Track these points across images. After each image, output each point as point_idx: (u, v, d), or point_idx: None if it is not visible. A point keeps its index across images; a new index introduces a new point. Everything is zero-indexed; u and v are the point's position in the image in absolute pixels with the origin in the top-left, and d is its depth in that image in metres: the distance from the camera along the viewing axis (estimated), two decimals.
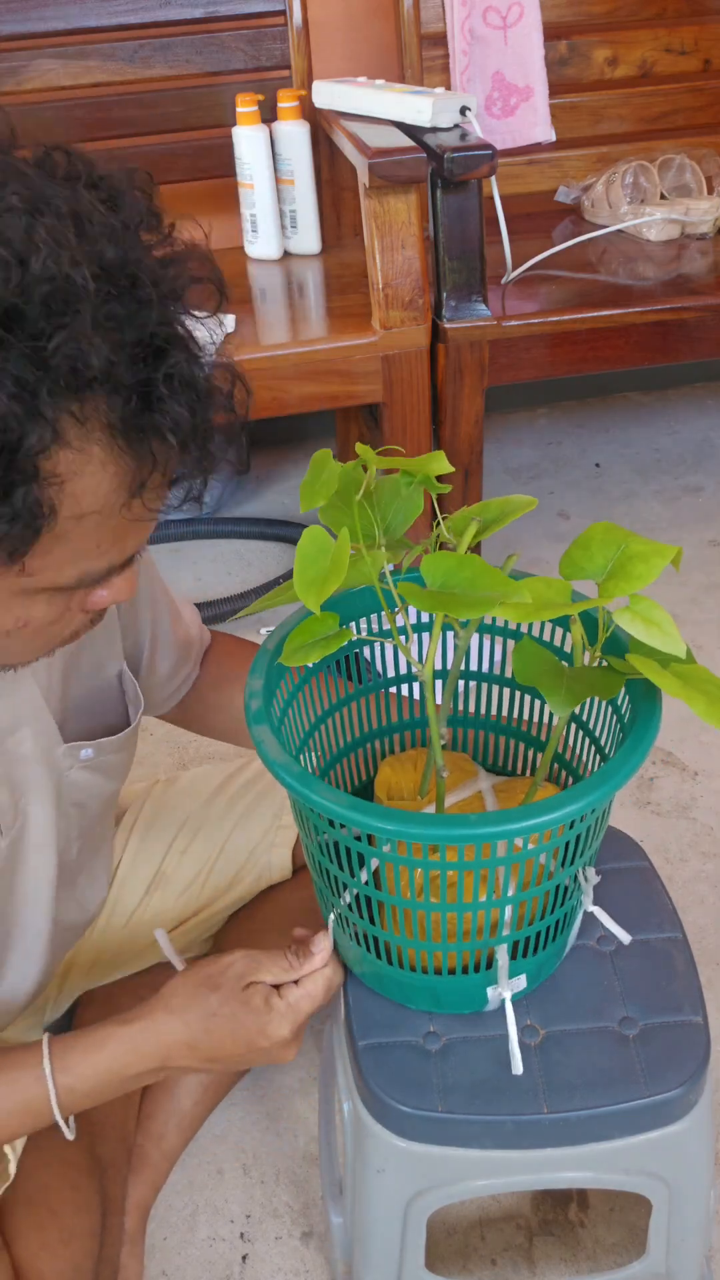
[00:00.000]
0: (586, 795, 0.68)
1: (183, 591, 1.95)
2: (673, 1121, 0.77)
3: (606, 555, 0.71)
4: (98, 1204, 0.92)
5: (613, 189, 1.90)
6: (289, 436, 2.39)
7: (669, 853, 1.39)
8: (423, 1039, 0.80)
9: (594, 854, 0.79)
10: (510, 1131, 0.76)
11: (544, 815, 0.67)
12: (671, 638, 0.68)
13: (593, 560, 0.72)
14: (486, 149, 1.47)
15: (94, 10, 1.79)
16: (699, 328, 1.66)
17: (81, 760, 0.88)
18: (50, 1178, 0.90)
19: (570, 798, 0.68)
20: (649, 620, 0.68)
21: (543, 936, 0.78)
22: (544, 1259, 1.00)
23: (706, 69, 2.04)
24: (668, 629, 0.68)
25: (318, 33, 1.89)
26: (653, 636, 0.68)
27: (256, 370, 1.55)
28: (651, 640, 0.68)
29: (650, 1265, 0.86)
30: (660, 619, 0.68)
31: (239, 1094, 1.15)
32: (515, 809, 0.68)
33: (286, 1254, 1.03)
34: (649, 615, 0.68)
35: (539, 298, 1.67)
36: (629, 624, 0.68)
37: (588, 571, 0.72)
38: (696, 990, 0.82)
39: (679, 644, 0.68)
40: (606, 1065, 0.77)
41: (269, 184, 1.81)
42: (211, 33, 1.83)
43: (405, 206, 1.48)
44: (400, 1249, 0.84)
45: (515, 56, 1.89)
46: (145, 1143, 1.05)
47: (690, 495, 2.15)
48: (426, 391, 1.60)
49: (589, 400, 2.50)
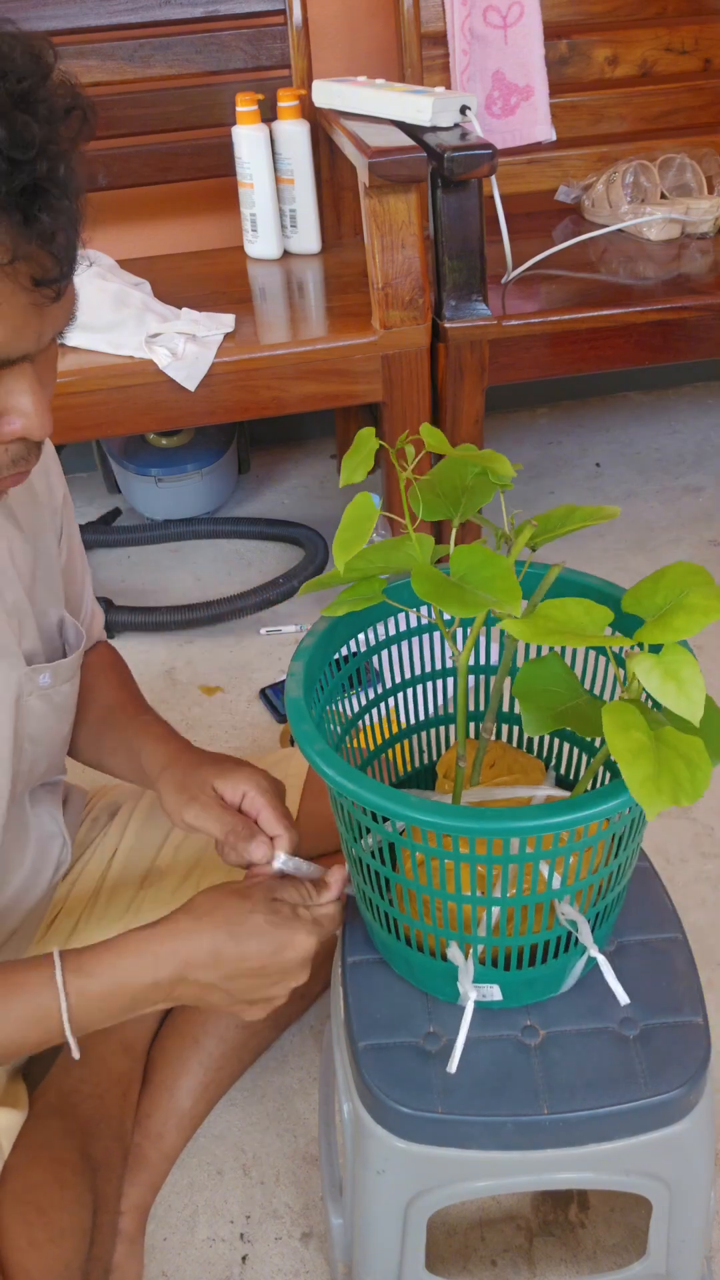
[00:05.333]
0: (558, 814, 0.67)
1: (183, 591, 1.95)
2: (673, 1122, 0.77)
3: (668, 598, 0.68)
4: (89, 1202, 0.92)
5: (613, 188, 1.90)
6: (289, 436, 2.39)
7: (669, 853, 1.39)
8: (422, 1040, 0.80)
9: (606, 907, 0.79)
10: (510, 1132, 0.76)
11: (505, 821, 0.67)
12: (688, 700, 0.62)
13: (654, 599, 0.68)
14: (486, 148, 1.47)
15: (94, 10, 1.79)
16: (699, 328, 1.66)
17: (41, 687, 0.90)
18: (39, 1175, 0.90)
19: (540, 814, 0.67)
20: (670, 674, 0.63)
21: (526, 952, 0.78)
22: (544, 1259, 1.00)
23: (706, 69, 2.04)
24: (689, 689, 0.62)
25: (318, 32, 1.89)
26: (666, 692, 0.63)
27: (256, 370, 1.55)
28: (664, 695, 0.63)
29: (650, 1266, 0.86)
30: (687, 676, 0.62)
31: (239, 1094, 1.15)
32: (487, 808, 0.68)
33: (286, 1254, 1.02)
34: (673, 668, 0.63)
35: (539, 297, 1.67)
36: (645, 673, 0.63)
37: (645, 608, 0.69)
38: (696, 990, 0.82)
39: (696, 707, 0.62)
40: (606, 1066, 0.77)
41: (269, 183, 1.81)
42: (211, 32, 1.83)
43: (405, 206, 1.48)
44: (400, 1250, 0.84)
45: (515, 56, 1.89)
46: (144, 1142, 1.05)
47: (690, 495, 2.15)
48: (426, 391, 1.60)
49: (589, 400, 2.50)
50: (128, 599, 1.92)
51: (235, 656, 1.79)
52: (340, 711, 0.87)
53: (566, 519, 0.76)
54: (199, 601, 1.83)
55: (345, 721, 0.87)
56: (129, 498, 2.19)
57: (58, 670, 0.93)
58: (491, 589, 0.67)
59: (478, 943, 0.77)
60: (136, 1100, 1.06)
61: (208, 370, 1.52)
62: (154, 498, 2.13)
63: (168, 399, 1.54)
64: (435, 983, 0.81)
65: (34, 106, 0.61)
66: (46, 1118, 0.97)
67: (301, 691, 0.78)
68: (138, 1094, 1.06)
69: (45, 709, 0.93)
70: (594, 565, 1.92)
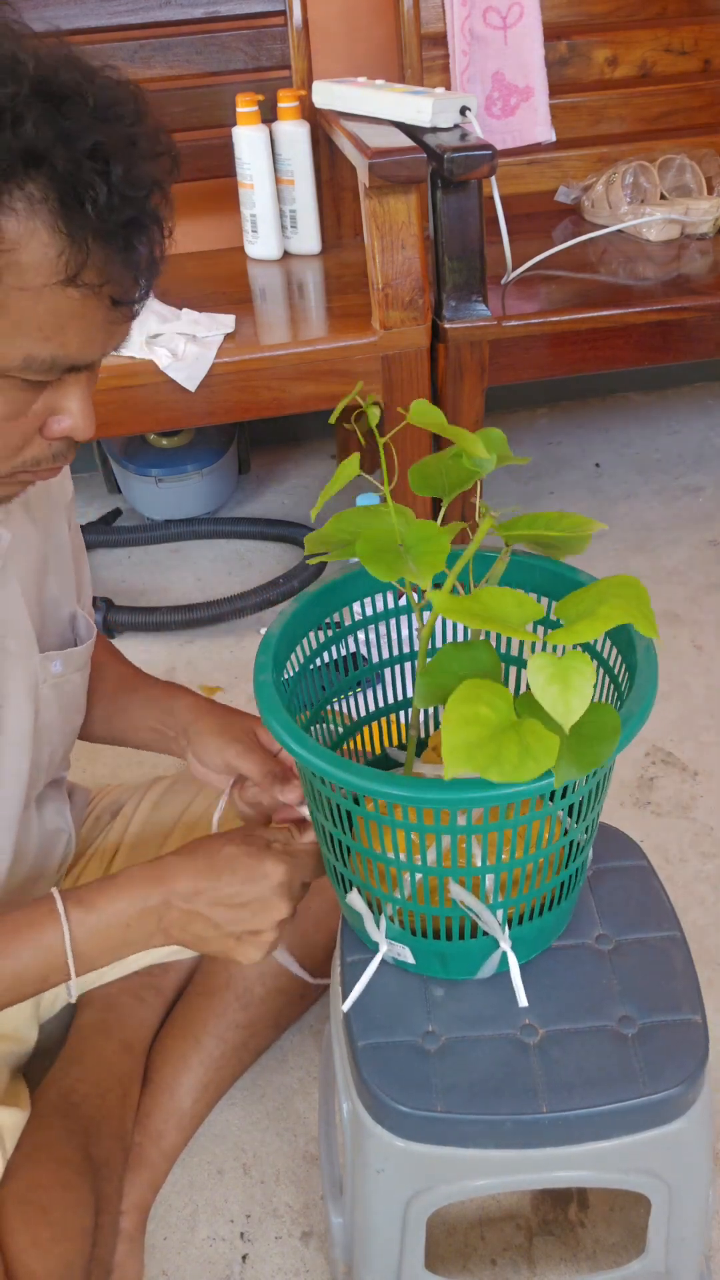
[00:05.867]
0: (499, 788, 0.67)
1: (183, 591, 1.95)
2: (672, 1120, 0.77)
3: (589, 604, 0.68)
4: (90, 1202, 0.92)
5: (613, 189, 1.90)
6: (289, 436, 2.40)
7: (669, 853, 1.39)
8: (421, 1039, 0.80)
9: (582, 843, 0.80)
10: (509, 1131, 0.76)
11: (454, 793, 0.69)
12: (566, 706, 0.62)
13: (579, 604, 0.69)
14: (486, 149, 1.47)
15: (94, 10, 1.79)
16: (699, 328, 1.66)
17: (53, 674, 0.94)
18: (42, 1176, 0.90)
19: None
20: (559, 676, 0.62)
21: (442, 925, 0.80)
22: (544, 1258, 1.00)
23: (706, 69, 2.04)
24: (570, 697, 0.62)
25: (318, 33, 1.89)
26: (548, 694, 0.62)
27: (257, 371, 1.55)
28: (544, 696, 0.62)
29: (649, 1264, 0.86)
30: (575, 683, 0.62)
31: (239, 1094, 1.15)
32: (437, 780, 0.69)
33: (286, 1254, 1.03)
34: (564, 672, 0.62)
35: (539, 298, 1.67)
36: (534, 670, 0.63)
37: (568, 614, 0.69)
38: (695, 989, 0.82)
39: (571, 714, 0.62)
40: (605, 1064, 0.77)
41: (269, 184, 1.81)
42: (211, 33, 1.84)
43: (405, 206, 1.48)
44: (400, 1249, 0.84)
45: (515, 56, 1.89)
46: (144, 1142, 1.05)
47: (690, 495, 2.15)
48: (426, 392, 1.60)
49: (589, 400, 2.50)
50: (128, 599, 1.93)
51: (235, 656, 1.79)
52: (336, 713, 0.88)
53: (552, 523, 0.77)
54: (199, 601, 1.84)
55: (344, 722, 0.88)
56: (129, 498, 2.20)
57: (69, 658, 0.95)
58: (419, 560, 0.70)
59: (391, 902, 0.79)
60: (137, 1100, 1.06)
61: (208, 371, 1.52)
62: (154, 498, 2.13)
63: (168, 399, 1.54)
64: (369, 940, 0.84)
65: (141, 148, 0.67)
66: (48, 1117, 0.97)
67: (271, 657, 0.81)
68: (138, 1093, 1.06)
69: (55, 698, 0.95)
70: (594, 566, 1.91)
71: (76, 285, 0.66)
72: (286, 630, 0.85)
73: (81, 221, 0.64)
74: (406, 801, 0.70)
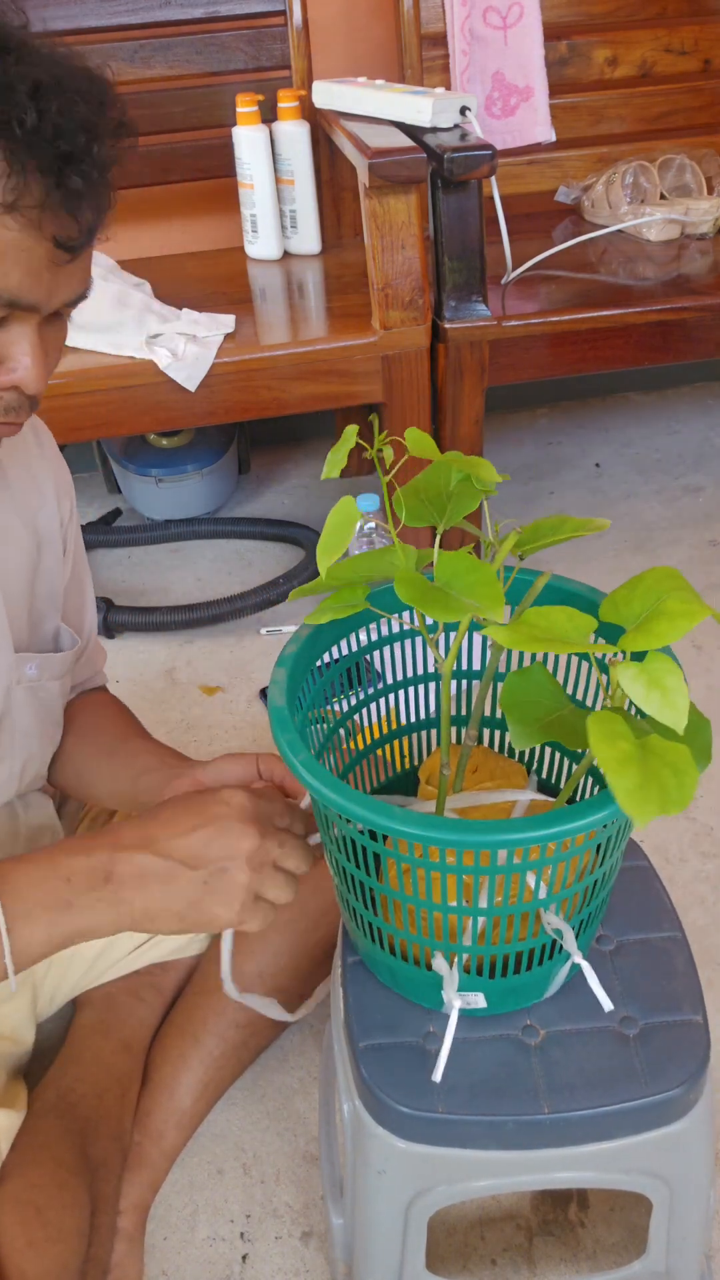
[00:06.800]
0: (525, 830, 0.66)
1: (183, 591, 1.95)
2: (673, 1121, 0.77)
3: (645, 604, 0.67)
4: (86, 1203, 0.92)
5: (613, 189, 1.90)
6: (289, 436, 2.40)
7: (669, 853, 1.39)
8: (423, 1039, 0.80)
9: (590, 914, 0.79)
10: (511, 1132, 0.76)
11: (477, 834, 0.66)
12: (673, 708, 0.61)
13: (631, 606, 0.68)
14: (486, 149, 1.47)
15: (94, 10, 1.79)
16: (699, 328, 1.66)
17: (28, 677, 0.92)
18: (38, 1176, 0.90)
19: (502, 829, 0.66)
20: (655, 682, 0.62)
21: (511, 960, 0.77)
22: (544, 1259, 1.00)
23: (706, 69, 2.04)
24: (673, 698, 0.61)
25: (318, 33, 1.89)
26: (651, 701, 0.61)
27: (257, 371, 1.55)
28: (648, 704, 0.61)
29: (650, 1264, 0.86)
30: (671, 684, 0.61)
31: (239, 1094, 1.15)
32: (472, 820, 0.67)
33: (286, 1254, 1.03)
34: (657, 677, 0.62)
35: (539, 298, 1.67)
36: (630, 681, 0.62)
37: (623, 617, 0.68)
38: (696, 989, 0.82)
39: (681, 715, 0.61)
40: (606, 1065, 0.77)
41: (269, 184, 1.81)
42: (211, 33, 1.84)
43: (405, 206, 1.48)
44: (401, 1249, 0.84)
45: (515, 56, 1.89)
46: (144, 1141, 1.05)
47: (690, 495, 2.15)
48: (426, 391, 1.60)
49: (589, 400, 2.50)
50: (128, 599, 1.92)
51: (235, 656, 1.79)
52: (333, 713, 0.86)
53: (557, 529, 0.76)
54: (199, 601, 1.84)
55: (335, 720, 0.87)
56: (129, 498, 2.20)
57: (45, 663, 0.94)
58: (475, 594, 0.67)
59: (462, 952, 0.76)
60: (136, 1099, 1.06)
61: (208, 371, 1.52)
62: (154, 498, 2.13)
63: (168, 399, 1.54)
64: (420, 991, 0.81)
65: (82, 93, 0.69)
66: (45, 1117, 0.97)
67: (285, 699, 0.77)
68: (137, 1093, 1.06)
69: (29, 702, 0.94)
70: (593, 566, 1.93)
71: (15, 213, 0.67)
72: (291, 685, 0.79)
73: (13, 145, 0.66)
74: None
